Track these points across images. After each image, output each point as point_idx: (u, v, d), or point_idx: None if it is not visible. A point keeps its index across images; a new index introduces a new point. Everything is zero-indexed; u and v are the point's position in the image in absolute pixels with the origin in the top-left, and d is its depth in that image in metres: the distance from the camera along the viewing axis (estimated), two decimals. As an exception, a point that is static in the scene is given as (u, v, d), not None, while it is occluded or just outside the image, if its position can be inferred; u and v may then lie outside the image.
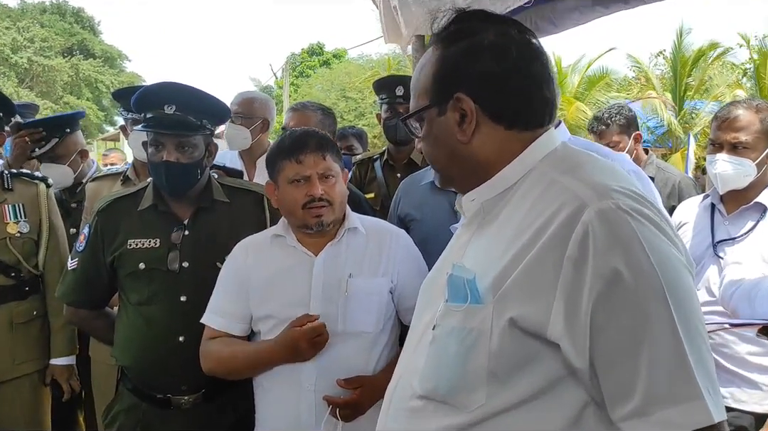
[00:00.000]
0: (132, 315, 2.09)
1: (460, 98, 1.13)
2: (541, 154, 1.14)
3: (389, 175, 3.25)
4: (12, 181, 2.71)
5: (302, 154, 1.83)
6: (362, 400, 1.76)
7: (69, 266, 2.21)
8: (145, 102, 2.09)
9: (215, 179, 2.22)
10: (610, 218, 0.98)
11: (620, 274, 0.95)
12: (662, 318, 0.95)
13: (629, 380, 0.95)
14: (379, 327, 1.85)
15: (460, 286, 1.08)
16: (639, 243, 0.97)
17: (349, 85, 25.67)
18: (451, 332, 1.08)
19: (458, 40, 1.15)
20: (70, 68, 36.64)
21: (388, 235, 1.94)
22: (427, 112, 1.17)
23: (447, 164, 1.19)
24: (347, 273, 1.84)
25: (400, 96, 3.13)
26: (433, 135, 1.17)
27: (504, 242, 1.07)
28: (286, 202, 1.86)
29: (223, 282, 1.94)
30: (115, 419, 2.14)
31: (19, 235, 2.65)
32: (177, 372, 2.02)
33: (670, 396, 0.94)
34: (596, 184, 1.03)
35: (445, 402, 1.08)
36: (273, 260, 1.89)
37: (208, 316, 1.92)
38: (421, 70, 1.18)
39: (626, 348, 0.95)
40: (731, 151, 2.34)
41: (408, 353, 1.21)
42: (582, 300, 0.97)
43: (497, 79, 1.12)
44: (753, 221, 2.34)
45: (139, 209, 2.12)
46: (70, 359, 2.78)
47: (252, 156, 3.24)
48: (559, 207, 1.02)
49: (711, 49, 17.20)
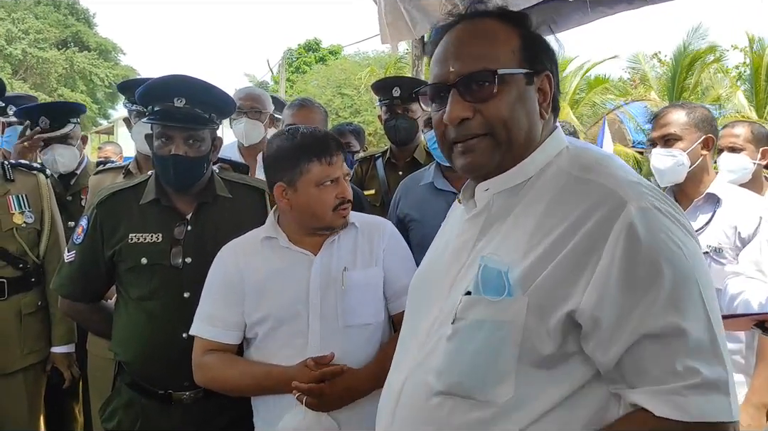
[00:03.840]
0: (133, 311, 2.07)
1: (549, 76, 1.15)
2: (557, 148, 1.16)
3: (391, 173, 3.27)
4: (12, 172, 2.71)
5: (332, 155, 1.80)
6: (330, 392, 1.71)
7: (65, 258, 2.17)
8: (153, 95, 2.06)
9: (217, 174, 2.21)
10: (649, 217, 1.01)
11: (662, 269, 0.98)
12: (699, 314, 0.99)
13: (667, 366, 0.98)
14: (380, 318, 1.85)
15: (494, 278, 1.07)
16: (675, 242, 1.01)
17: (345, 82, 25.63)
18: (480, 325, 1.07)
19: (523, 18, 1.17)
20: (65, 60, 36.42)
21: (375, 226, 1.93)
22: (517, 75, 1.11)
23: (516, 130, 1.12)
24: (342, 268, 1.83)
25: (397, 97, 3.16)
26: (517, 99, 1.11)
27: (526, 236, 1.07)
28: (311, 204, 1.81)
29: (211, 289, 1.88)
30: (113, 414, 2.12)
31: (24, 225, 2.66)
32: (179, 368, 1.97)
33: (702, 384, 0.97)
34: (629, 182, 1.06)
35: (470, 396, 1.07)
36: (267, 262, 1.85)
37: (198, 326, 1.86)
38: (487, 37, 1.13)
39: (666, 339, 0.98)
40: (663, 144, 2.51)
41: (414, 351, 1.18)
42: (623, 297, 0.99)
43: (556, 68, 1.18)
44: (708, 213, 2.47)
45: (141, 203, 2.09)
46: (70, 347, 2.80)
47: (254, 150, 3.26)
48: (595, 203, 1.03)
49: (709, 52, 17.27)
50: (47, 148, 3.18)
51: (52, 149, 3.17)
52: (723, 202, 2.46)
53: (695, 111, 2.54)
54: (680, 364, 0.97)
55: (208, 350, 1.85)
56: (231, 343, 1.86)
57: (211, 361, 1.84)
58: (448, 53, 1.14)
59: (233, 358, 1.86)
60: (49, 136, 3.16)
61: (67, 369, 2.78)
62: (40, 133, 3.13)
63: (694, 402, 0.97)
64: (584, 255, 1.01)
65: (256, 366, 1.82)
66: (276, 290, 1.82)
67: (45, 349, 2.74)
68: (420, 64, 4.31)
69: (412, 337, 1.21)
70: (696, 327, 0.98)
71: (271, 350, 1.82)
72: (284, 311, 1.80)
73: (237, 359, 1.86)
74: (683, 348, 0.98)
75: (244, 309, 1.84)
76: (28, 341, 2.67)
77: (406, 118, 3.16)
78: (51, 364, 2.77)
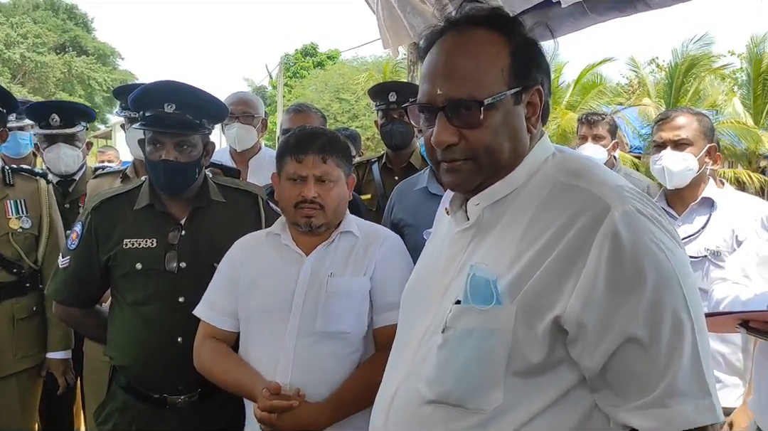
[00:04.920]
0: (128, 315, 2.08)
1: (539, 90, 1.14)
2: (544, 156, 1.16)
3: (387, 177, 3.28)
4: (13, 177, 2.72)
5: (303, 153, 1.83)
6: (279, 424, 1.69)
7: (60, 264, 2.18)
8: (144, 100, 2.08)
9: (210, 179, 2.22)
10: (633, 221, 1.02)
11: (645, 272, 0.99)
12: (683, 317, 1.00)
13: (653, 374, 0.99)
14: (360, 329, 1.82)
15: (483, 287, 1.08)
16: (658, 245, 1.01)
17: (343, 87, 25.66)
18: (469, 334, 1.07)
19: (515, 26, 1.15)
20: (63, 65, 36.47)
21: (377, 238, 1.92)
22: (504, 98, 1.10)
23: (499, 155, 1.12)
24: (329, 273, 1.84)
25: (393, 102, 3.18)
26: (502, 123, 1.10)
27: (513, 245, 1.08)
28: (282, 197, 1.88)
29: (217, 276, 1.95)
30: (109, 418, 2.13)
31: (20, 230, 2.66)
32: (174, 372, 2.01)
33: (686, 391, 0.98)
34: (614, 188, 1.07)
35: (459, 405, 1.08)
36: (264, 257, 1.89)
37: (200, 308, 1.94)
38: (475, 56, 1.11)
39: (650, 345, 0.99)
40: (675, 147, 2.53)
41: (406, 359, 1.18)
42: (608, 300, 1.00)
43: (548, 75, 1.17)
44: (704, 216, 2.50)
45: (134, 208, 2.10)
46: (66, 353, 2.79)
47: (245, 155, 3.28)
48: (578, 209, 1.04)
49: (706, 58, 17.32)
50: (52, 146, 3.18)
51: (58, 147, 3.17)
52: (719, 205, 2.49)
53: (703, 119, 2.59)
54: (663, 368, 0.99)
55: (209, 335, 1.91)
56: (227, 329, 1.90)
57: (204, 352, 1.89)
58: (437, 71, 1.13)
59: (223, 353, 1.89)
60: (56, 133, 3.17)
61: (62, 375, 2.77)
62: (50, 129, 3.15)
63: (677, 411, 0.98)
64: (569, 261, 1.02)
65: (236, 369, 1.85)
66: (265, 286, 1.85)
67: (39, 354, 2.74)
68: (415, 69, 4.32)
69: (405, 345, 1.22)
70: (684, 330, 0.99)
71: (252, 345, 1.86)
72: (268, 307, 1.83)
73: (226, 354, 1.89)
74: (666, 352, 0.99)
75: (238, 300, 1.88)
76: (21, 346, 2.66)
77: (402, 123, 3.16)
78: (46, 369, 2.76)
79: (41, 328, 2.75)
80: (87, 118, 3.34)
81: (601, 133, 3.85)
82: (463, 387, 1.08)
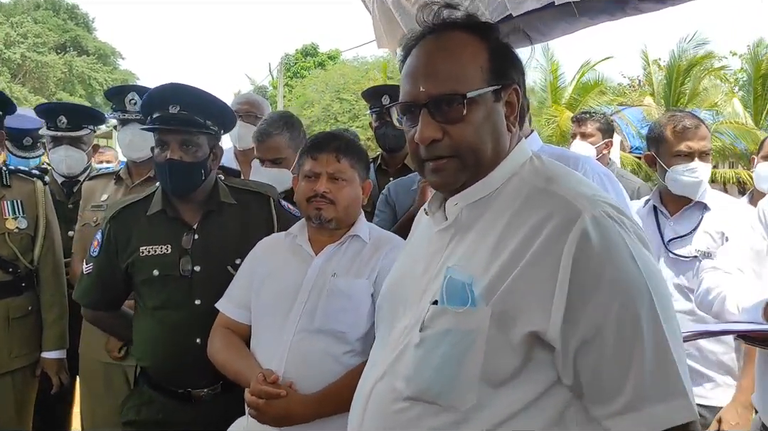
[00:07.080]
0: (149, 319, 2.16)
1: (516, 89, 1.17)
2: (521, 159, 1.19)
3: (382, 179, 3.28)
4: (10, 178, 2.74)
5: (319, 152, 1.93)
6: (266, 410, 1.75)
7: (84, 270, 2.26)
8: (150, 104, 2.15)
9: (222, 181, 2.27)
10: (602, 224, 1.04)
11: (614, 277, 1.01)
12: (651, 320, 1.02)
13: (620, 377, 1.01)
14: (357, 330, 1.84)
15: (459, 289, 1.10)
16: (627, 249, 1.03)
17: (344, 87, 25.65)
18: (444, 334, 1.10)
19: (491, 30, 1.19)
20: (64, 65, 36.51)
21: (386, 241, 1.96)
22: (485, 94, 1.13)
23: (482, 152, 1.15)
24: (333, 273, 1.89)
25: (386, 105, 3.19)
26: (484, 119, 1.14)
27: (489, 248, 1.10)
28: (298, 194, 1.96)
29: (239, 271, 2.05)
30: (136, 411, 2.20)
31: (17, 231, 2.69)
32: (196, 370, 2.09)
33: (657, 393, 1.00)
34: (585, 193, 1.09)
35: (435, 403, 1.10)
36: (278, 256, 1.97)
37: (221, 299, 2.03)
38: (455, 55, 1.14)
39: (618, 348, 1.01)
40: (702, 158, 2.52)
41: (386, 356, 1.20)
42: (578, 303, 1.02)
43: (524, 76, 1.20)
44: (696, 217, 2.53)
45: (148, 214, 2.17)
46: (61, 353, 2.82)
47: (248, 155, 3.29)
48: (549, 212, 1.06)
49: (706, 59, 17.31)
50: (58, 147, 3.21)
51: (62, 149, 3.20)
52: (710, 208, 2.51)
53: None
54: (627, 371, 1.00)
55: (222, 325, 2.01)
56: (239, 321, 1.98)
57: (214, 340, 1.99)
58: (418, 71, 1.16)
59: (230, 342, 1.97)
60: (62, 135, 3.19)
61: (56, 375, 2.79)
62: (56, 131, 3.17)
63: (648, 413, 1.00)
64: (542, 266, 1.04)
65: (238, 358, 1.93)
66: (275, 282, 1.92)
67: (34, 353, 2.76)
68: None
69: (384, 343, 1.24)
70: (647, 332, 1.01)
71: (257, 338, 1.94)
72: (275, 303, 1.89)
73: (233, 344, 1.96)
74: (635, 354, 1.00)
75: (251, 294, 1.96)
76: (15, 345, 2.69)
77: (396, 126, 3.18)
78: (41, 369, 2.78)
79: (36, 328, 2.77)
80: (95, 122, 3.37)
81: (589, 131, 3.89)
82: (438, 385, 1.10)
